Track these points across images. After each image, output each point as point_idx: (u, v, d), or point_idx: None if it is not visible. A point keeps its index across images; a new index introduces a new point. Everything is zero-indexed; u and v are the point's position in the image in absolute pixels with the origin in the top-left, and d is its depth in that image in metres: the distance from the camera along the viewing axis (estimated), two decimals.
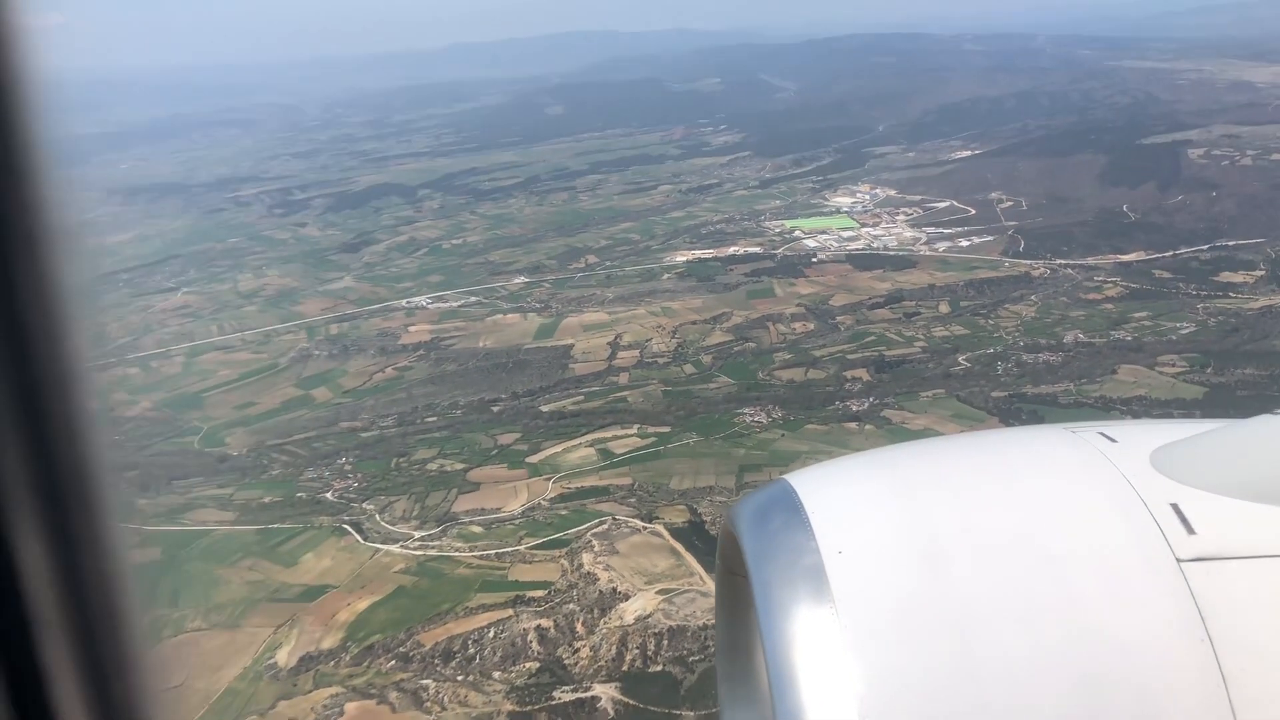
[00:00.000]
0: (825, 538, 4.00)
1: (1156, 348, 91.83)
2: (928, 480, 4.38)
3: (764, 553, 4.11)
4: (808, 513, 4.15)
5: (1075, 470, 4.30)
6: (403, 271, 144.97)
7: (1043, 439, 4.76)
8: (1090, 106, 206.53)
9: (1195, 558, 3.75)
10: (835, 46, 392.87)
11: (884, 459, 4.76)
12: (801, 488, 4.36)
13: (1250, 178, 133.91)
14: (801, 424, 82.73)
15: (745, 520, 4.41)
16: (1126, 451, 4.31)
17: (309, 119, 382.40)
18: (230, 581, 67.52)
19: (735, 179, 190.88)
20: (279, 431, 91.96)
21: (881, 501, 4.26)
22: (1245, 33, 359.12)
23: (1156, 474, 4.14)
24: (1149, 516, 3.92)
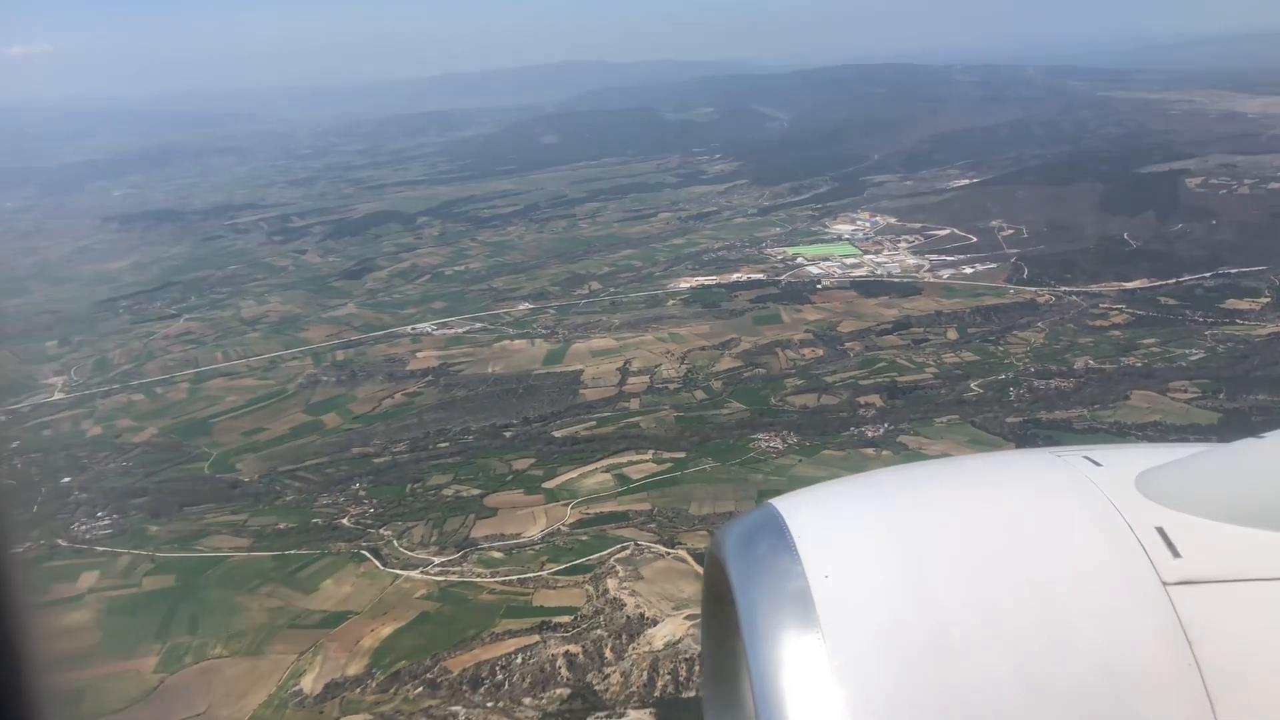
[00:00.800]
0: (811, 562, 4.00)
1: (1167, 374, 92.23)
2: (913, 504, 4.40)
3: (750, 577, 4.11)
4: (794, 537, 4.17)
5: (1061, 494, 4.32)
6: (406, 298, 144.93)
7: (1028, 463, 4.84)
8: (1084, 136, 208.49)
9: (1181, 581, 3.77)
10: (826, 77, 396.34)
11: (869, 483, 4.74)
12: (787, 512, 4.37)
13: (1248, 206, 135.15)
14: (818, 449, 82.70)
15: (731, 545, 4.40)
16: (1112, 475, 4.35)
17: (302, 147, 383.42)
18: (250, 608, 66.87)
19: (734, 206, 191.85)
20: (290, 457, 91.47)
21: (867, 526, 4.27)
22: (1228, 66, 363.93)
23: (1142, 497, 4.19)
24: (1134, 540, 3.96)
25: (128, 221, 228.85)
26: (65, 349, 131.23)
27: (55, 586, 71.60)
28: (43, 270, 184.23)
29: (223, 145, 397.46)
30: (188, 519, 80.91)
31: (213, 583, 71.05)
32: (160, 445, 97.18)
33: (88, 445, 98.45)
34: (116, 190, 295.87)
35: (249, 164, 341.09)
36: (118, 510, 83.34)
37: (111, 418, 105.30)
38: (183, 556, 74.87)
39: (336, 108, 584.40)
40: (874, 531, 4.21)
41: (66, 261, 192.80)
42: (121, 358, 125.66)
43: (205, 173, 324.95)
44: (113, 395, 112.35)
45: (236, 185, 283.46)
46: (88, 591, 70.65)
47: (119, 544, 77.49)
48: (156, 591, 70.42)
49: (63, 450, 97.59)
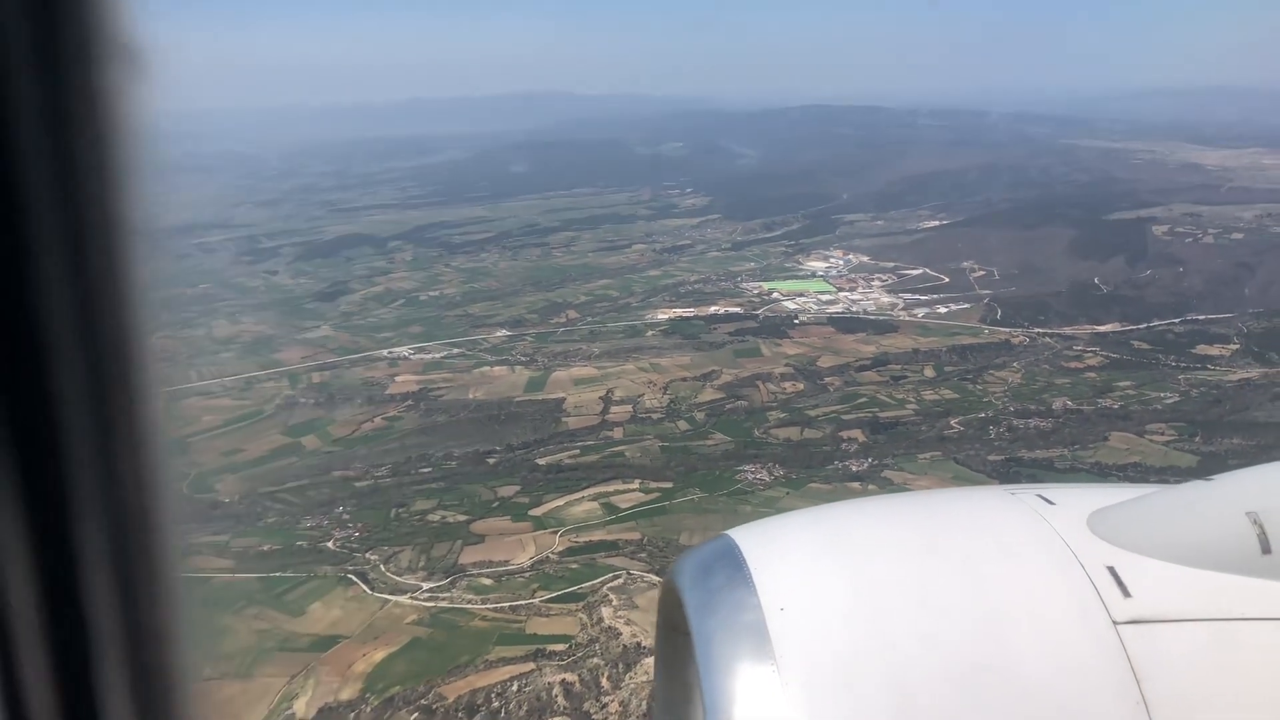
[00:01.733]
0: (767, 594, 4.03)
1: (1144, 416, 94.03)
2: (870, 538, 4.46)
3: (706, 608, 4.13)
4: (750, 569, 4.19)
5: (1014, 531, 4.41)
6: (381, 322, 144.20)
7: (983, 500, 4.91)
8: (1051, 182, 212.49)
9: (1131, 620, 3.87)
10: (793, 116, 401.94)
11: (827, 516, 4.78)
12: (744, 543, 4.40)
13: (1214, 255, 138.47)
14: (804, 482, 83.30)
15: (687, 575, 4.44)
16: (1064, 514, 4.45)
17: (269, 168, 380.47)
18: (237, 630, 65.91)
19: (708, 240, 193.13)
20: (270, 479, 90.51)
21: (824, 559, 4.32)
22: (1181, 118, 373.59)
23: (1093, 537, 4.29)
24: (1086, 578, 4.04)
25: None
26: None
27: None
28: None
29: (188, 163, 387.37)
30: None
31: (197, 604, 69.76)
32: None
33: None
34: None
35: (215, 183, 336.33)
36: None
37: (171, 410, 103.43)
38: None
39: (302, 129, 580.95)
40: (830, 565, 4.27)
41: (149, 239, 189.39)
42: None
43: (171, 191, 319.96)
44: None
45: (203, 204, 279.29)
46: None
47: None
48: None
49: None
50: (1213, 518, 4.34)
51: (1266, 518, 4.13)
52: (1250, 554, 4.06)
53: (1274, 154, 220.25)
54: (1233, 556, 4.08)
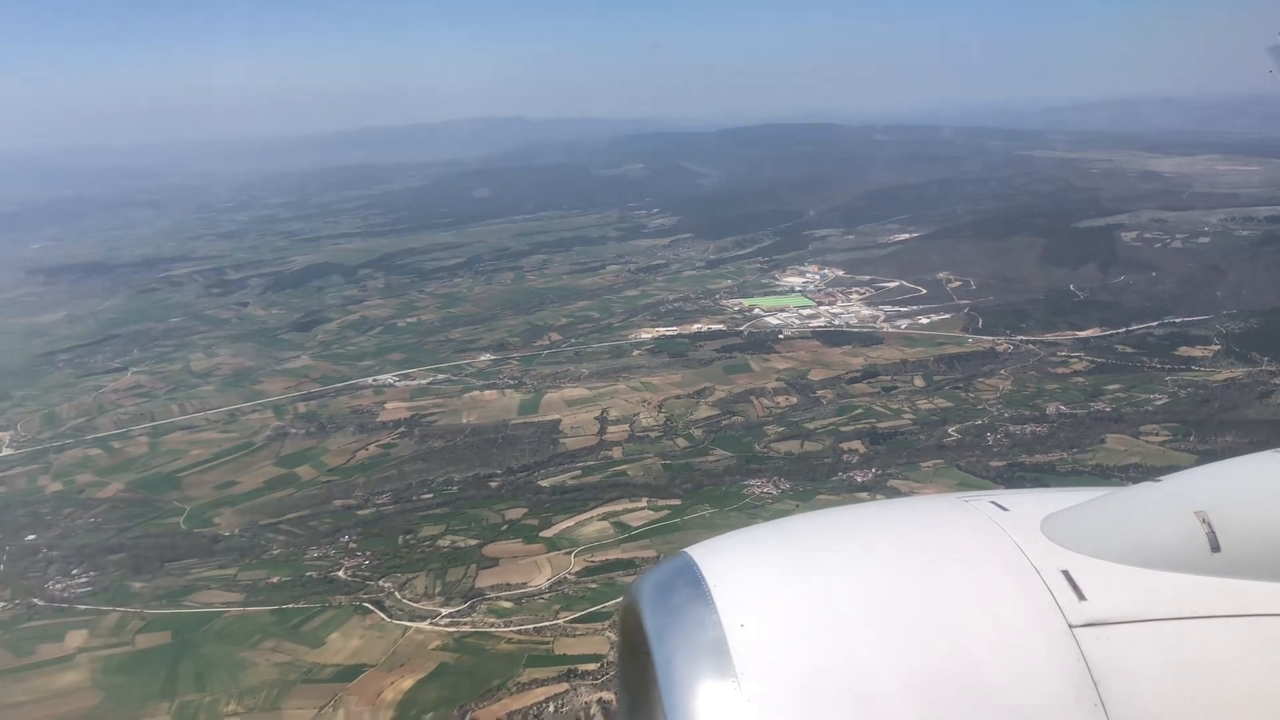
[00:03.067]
0: (727, 611, 4.06)
1: (1136, 418, 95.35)
2: (827, 551, 4.48)
3: (666, 628, 4.14)
4: (709, 586, 4.22)
5: (970, 539, 4.47)
6: (361, 350, 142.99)
7: (938, 508, 4.96)
8: (1013, 193, 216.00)
9: (1087, 623, 3.94)
10: (750, 136, 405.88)
11: (784, 530, 4.78)
12: (703, 561, 4.43)
13: (1184, 259, 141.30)
14: (812, 494, 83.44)
15: (647, 595, 4.41)
16: (1018, 520, 4.54)
17: (223, 200, 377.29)
18: (256, 664, 64.74)
19: (681, 259, 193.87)
20: (270, 510, 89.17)
21: (782, 573, 4.33)
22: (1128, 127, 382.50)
23: (1048, 541, 4.37)
24: (1041, 583, 4.12)
25: (53, 274, 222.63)
26: (7, 404, 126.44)
27: (41, 647, 68.80)
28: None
29: (140, 198, 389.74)
30: (172, 574, 78.22)
31: (211, 638, 68.61)
32: (128, 501, 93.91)
33: (49, 502, 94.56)
34: (34, 243, 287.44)
35: (170, 217, 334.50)
36: (94, 567, 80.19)
37: (70, 473, 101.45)
38: (174, 613, 72.29)
39: (254, 161, 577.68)
40: (789, 579, 4.27)
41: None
42: (71, 412, 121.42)
43: (126, 225, 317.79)
44: (67, 450, 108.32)
45: (162, 238, 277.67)
46: (78, 651, 67.77)
47: (102, 601, 74.54)
48: (152, 649, 67.76)
49: (22, 507, 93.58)
50: (1163, 518, 4.39)
51: (1215, 516, 4.23)
52: (1201, 553, 4.16)
53: (1227, 160, 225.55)
54: (1184, 556, 4.17)
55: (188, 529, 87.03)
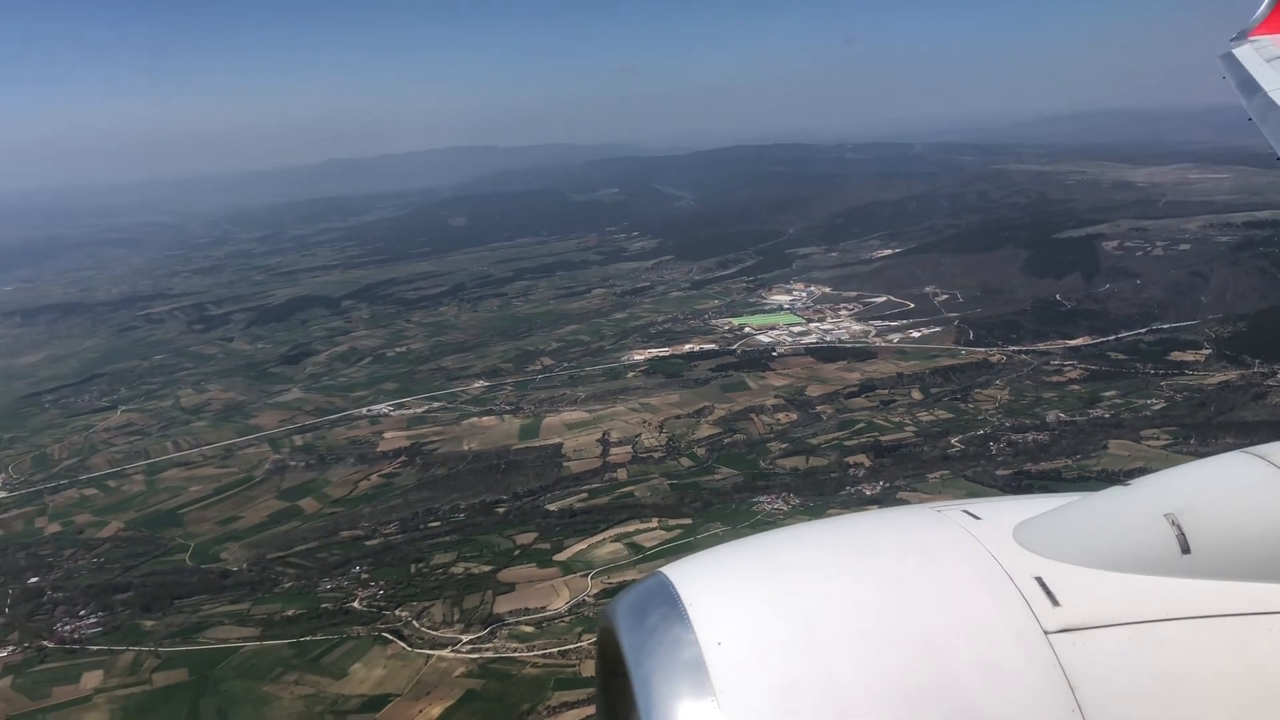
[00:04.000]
0: (704, 629, 4.06)
1: (1136, 423, 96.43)
2: (802, 566, 4.46)
3: (643, 648, 4.12)
4: (685, 605, 4.21)
5: (943, 549, 4.49)
6: (353, 381, 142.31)
7: (910, 519, 4.91)
8: (991, 206, 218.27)
9: (1061, 629, 3.97)
10: (721, 157, 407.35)
11: (759, 547, 4.75)
12: (678, 580, 4.41)
13: (1166, 266, 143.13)
14: (823, 509, 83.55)
15: (623, 616, 4.38)
16: (990, 528, 4.58)
17: (196, 236, 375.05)
18: (280, 697, 64.13)
19: (666, 281, 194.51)
20: (276, 544, 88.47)
21: (758, 590, 4.31)
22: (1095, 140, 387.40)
23: (1020, 549, 4.42)
24: (1015, 590, 4.15)
25: (30, 315, 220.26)
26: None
27: (56, 689, 67.83)
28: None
29: (111, 237, 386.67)
30: (182, 611, 77.36)
31: (230, 674, 67.92)
32: (130, 539, 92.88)
33: (49, 543, 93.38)
34: (6, 285, 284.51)
35: (143, 255, 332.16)
36: (102, 607, 79.15)
37: (68, 514, 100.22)
38: (189, 650, 71.48)
39: (222, 197, 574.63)
40: (765, 596, 4.25)
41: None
42: (62, 452, 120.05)
43: (99, 264, 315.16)
44: (62, 491, 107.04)
45: (137, 276, 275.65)
46: (95, 692, 66.89)
47: (114, 641, 73.69)
48: (171, 687, 67.01)
49: (21, 550, 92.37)
50: (1133, 522, 4.45)
51: (1184, 519, 4.30)
52: (1171, 555, 4.22)
53: (1198, 169, 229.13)
54: (1155, 559, 4.24)
55: (194, 565, 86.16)
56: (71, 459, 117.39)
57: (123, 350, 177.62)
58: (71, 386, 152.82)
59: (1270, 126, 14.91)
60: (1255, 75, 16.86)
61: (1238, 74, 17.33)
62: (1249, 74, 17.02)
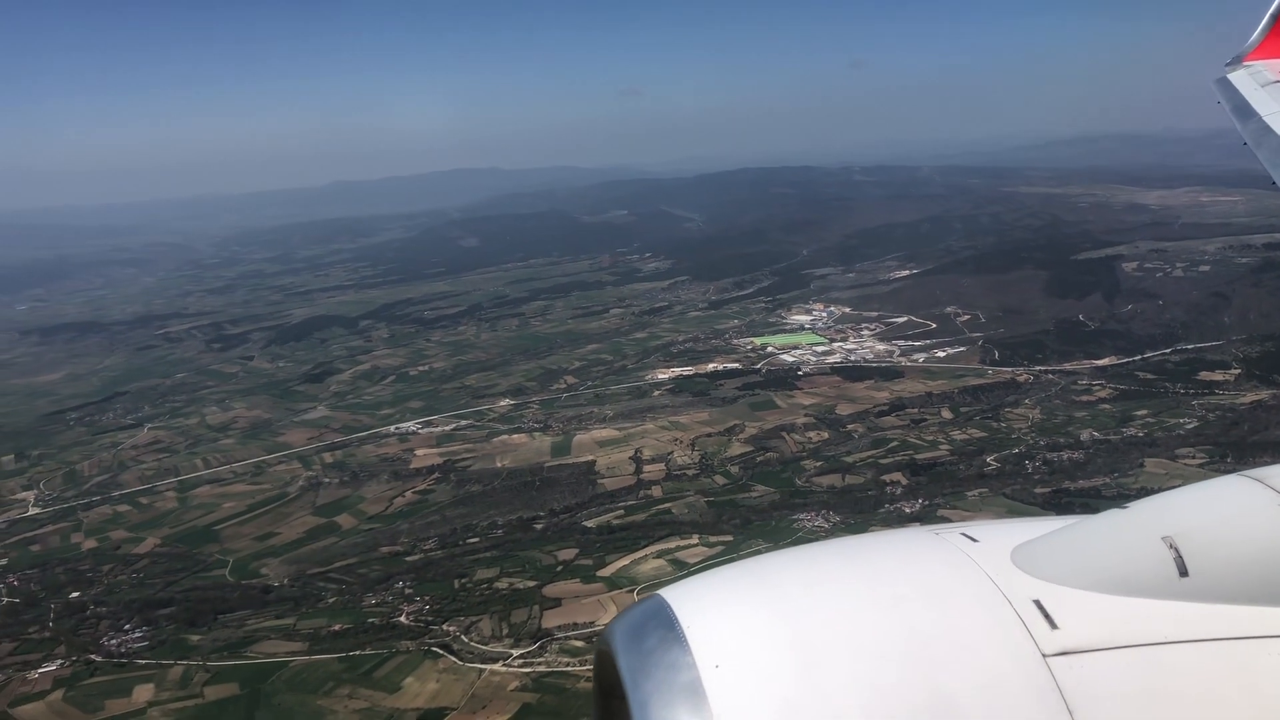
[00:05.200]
0: (702, 652, 4.07)
1: (1170, 442, 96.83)
2: (799, 589, 4.46)
3: (640, 671, 4.12)
4: (683, 628, 4.22)
5: (941, 572, 4.50)
6: (378, 399, 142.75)
7: (909, 542, 4.98)
8: (1005, 228, 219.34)
9: (1059, 652, 3.99)
10: (728, 180, 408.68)
11: (756, 569, 4.76)
12: (676, 602, 4.43)
13: (1188, 288, 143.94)
14: (863, 526, 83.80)
15: (620, 638, 4.39)
16: (988, 551, 4.60)
17: (205, 256, 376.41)
18: (335, 711, 64.24)
19: (683, 301, 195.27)
20: (316, 559, 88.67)
21: (756, 613, 4.31)
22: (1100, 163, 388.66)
23: (1018, 571, 4.44)
24: (1013, 614, 4.17)
25: (47, 334, 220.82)
26: (25, 463, 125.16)
27: (109, 703, 67.94)
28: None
29: (120, 257, 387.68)
30: (227, 626, 77.49)
31: (281, 688, 68.02)
32: (168, 555, 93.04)
33: (87, 559, 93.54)
34: (19, 304, 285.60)
35: (154, 274, 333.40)
36: (145, 622, 79.25)
37: (102, 530, 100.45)
38: (238, 664, 71.57)
39: (227, 218, 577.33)
40: (763, 618, 4.26)
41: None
42: (91, 469, 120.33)
43: (110, 284, 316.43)
44: (95, 507, 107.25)
45: (150, 295, 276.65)
46: (148, 705, 66.99)
47: (161, 655, 73.77)
48: (223, 701, 67.12)
49: (60, 565, 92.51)
50: (1131, 545, 4.48)
51: (1182, 541, 4.34)
52: (1169, 578, 4.25)
53: (1209, 192, 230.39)
54: (1153, 582, 4.26)
55: (235, 581, 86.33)
56: (101, 475, 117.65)
57: (143, 369, 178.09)
58: (95, 404, 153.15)
59: (1265, 151, 15.02)
60: (1250, 100, 16.97)
61: (1233, 99, 17.42)
62: (1244, 99, 17.13)
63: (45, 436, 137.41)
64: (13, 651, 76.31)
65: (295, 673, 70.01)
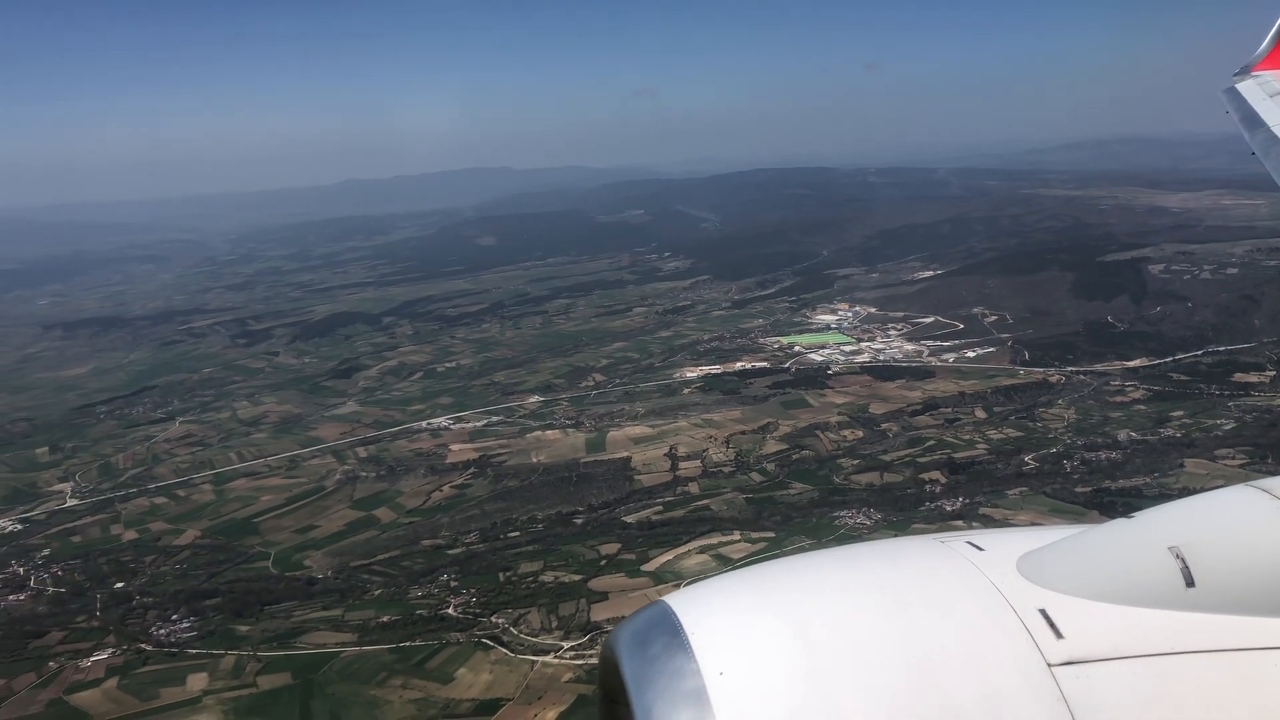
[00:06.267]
0: (706, 659, 4.08)
1: (1208, 443, 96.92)
2: (804, 596, 4.47)
3: (645, 677, 4.13)
4: (688, 634, 4.22)
5: (947, 580, 4.51)
6: (407, 395, 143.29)
7: (914, 550, 4.94)
8: (1027, 230, 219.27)
9: (1065, 661, 3.99)
10: (743, 180, 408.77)
11: (761, 576, 4.79)
12: (680, 609, 4.43)
13: (1216, 290, 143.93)
14: (905, 524, 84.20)
15: (624, 644, 4.40)
16: (994, 560, 4.61)
17: (220, 253, 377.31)
18: (390, 701, 64.68)
19: (705, 301, 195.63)
20: (358, 552, 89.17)
21: (761, 620, 4.32)
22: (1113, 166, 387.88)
23: (1024, 580, 4.44)
24: (1019, 623, 4.17)
25: (70, 329, 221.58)
26: (59, 455, 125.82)
27: (164, 691, 68.43)
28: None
29: (135, 254, 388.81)
30: (275, 617, 78.02)
31: (334, 678, 68.50)
32: (209, 546, 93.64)
33: (129, 549, 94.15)
34: (40, 299, 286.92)
35: (170, 271, 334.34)
36: (192, 612, 79.82)
37: (141, 521, 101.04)
38: (289, 654, 72.07)
39: (240, 215, 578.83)
40: (767, 626, 4.27)
41: (16, 370, 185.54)
42: (125, 462, 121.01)
43: (128, 280, 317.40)
44: (132, 500, 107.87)
45: (169, 291, 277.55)
46: (203, 694, 67.50)
47: (210, 645, 74.25)
48: (277, 690, 67.61)
49: (102, 556, 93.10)
50: (1138, 555, 4.50)
51: (1189, 551, 4.35)
52: (1176, 588, 4.27)
53: (1231, 195, 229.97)
54: (1159, 592, 4.28)
55: (279, 573, 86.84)
56: (136, 468, 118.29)
57: (169, 363, 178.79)
58: (123, 398, 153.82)
59: (1274, 160, 15.07)
60: (1258, 110, 17.04)
61: (1241, 108, 17.50)
62: (1252, 109, 17.21)
63: (77, 429, 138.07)
64: (63, 640, 76.98)
65: (347, 663, 70.50)
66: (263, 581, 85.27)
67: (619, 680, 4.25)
